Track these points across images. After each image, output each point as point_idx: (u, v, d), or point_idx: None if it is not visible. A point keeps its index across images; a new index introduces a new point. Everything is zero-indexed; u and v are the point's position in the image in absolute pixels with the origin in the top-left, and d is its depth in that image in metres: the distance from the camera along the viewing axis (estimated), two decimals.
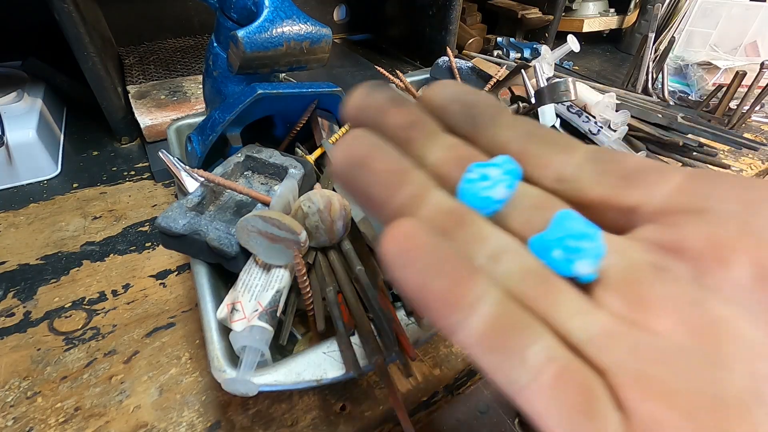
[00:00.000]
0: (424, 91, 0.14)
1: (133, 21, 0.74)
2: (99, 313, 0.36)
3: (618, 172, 0.12)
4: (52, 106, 0.59)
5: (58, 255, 0.42)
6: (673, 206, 0.11)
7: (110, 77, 0.54)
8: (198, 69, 0.69)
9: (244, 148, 0.39)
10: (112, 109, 0.55)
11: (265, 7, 0.35)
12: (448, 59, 0.56)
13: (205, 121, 0.39)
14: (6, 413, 0.29)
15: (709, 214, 0.10)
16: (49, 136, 0.54)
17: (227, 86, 0.41)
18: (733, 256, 0.10)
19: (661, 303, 0.10)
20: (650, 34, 0.56)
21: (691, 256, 0.10)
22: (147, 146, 0.56)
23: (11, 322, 0.35)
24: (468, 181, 0.12)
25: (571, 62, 0.92)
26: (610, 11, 1.01)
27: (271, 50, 0.36)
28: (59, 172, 0.53)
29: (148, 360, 0.33)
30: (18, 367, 0.32)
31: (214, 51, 0.40)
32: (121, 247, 0.43)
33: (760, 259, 0.10)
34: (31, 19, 0.66)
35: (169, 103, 0.59)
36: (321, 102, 0.43)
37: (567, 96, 0.37)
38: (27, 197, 0.49)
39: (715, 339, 0.09)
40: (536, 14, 0.86)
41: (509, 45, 0.82)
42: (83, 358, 0.33)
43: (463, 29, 0.85)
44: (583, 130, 0.40)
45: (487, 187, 0.12)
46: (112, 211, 0.47)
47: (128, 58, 0.70)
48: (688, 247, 0.10)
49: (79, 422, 0.29)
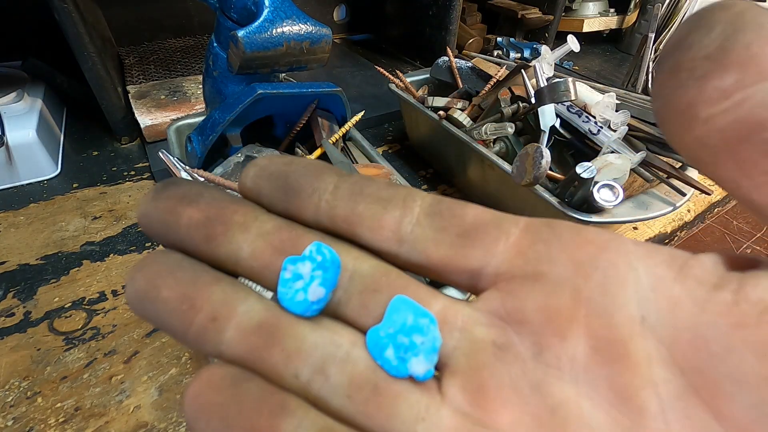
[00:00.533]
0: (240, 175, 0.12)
1: (133, 21, 0.74)
2: (99, 313, 0.36)
3: (457, 228, 0.11)
4: (52, 106, 0.59)
5: (58, 255, 0.42)
6: (511, 271, 0.10)
7: (110, 77, 0.54)
8: (198, 69, 0.69)
9: (244, 148, 0.39)
10: (112, 109, 0.55)
11: (265, 7, 0.35)
12: (448, 59, 0.56)
13: (205, 121, 0.39)
14: (6, 413, 0.29)
15: (544, 281, 0.10)
16: (49, 136, 0.54)
17: (227, 86, 0.41)
18: (569, 329, 0.10)
19: (502, 392, 0.10)
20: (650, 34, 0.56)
21: (531, 329, 0.10)
22: (147, 146, 0.56)
23: (11, 322, 0.35)
24: (283, 283, 0.11)
25: (571, 62, 0.92)
26: (610, 11, 1.01)
27: (271, 50, 0.36)
28: (59, 172, 0.53)
29: (148, 360, 0.33)
30: (18, 367, 0.32)
31: (214, 51, 0.40)
32: (121, 247, 0.43)
33: (593, 330, 0.09)
34: (31, 19, 0.66)
35: (169, 103, 0.59)
36: (321, 102, 0.43)
37: (567, 96, 0.37)
38: (27, 197, 0.49)
39: (557, 427, 0.09)
40: (536, 14, 0.86)
41: (509, 45, 0.82)
42: (83, 358, 0.33)
43: (463, 29, 0.85)
44: (583, 130, 0.40)
45: (299, 288, 0.10)
46: (112, 211, 0.47)
47: (128, 58, 0.70)
48: (527, 318, 0.10)
49: (79, 422, 0.29)
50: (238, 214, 0.11)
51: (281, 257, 0.11)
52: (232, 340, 0.10)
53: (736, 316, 0.08)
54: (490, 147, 0.45)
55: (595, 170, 0.33)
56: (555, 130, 0.42)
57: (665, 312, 0.09)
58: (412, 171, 0.57)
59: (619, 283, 0.09)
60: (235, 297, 0.11)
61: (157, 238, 0.11)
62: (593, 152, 0.40)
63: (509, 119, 0.44)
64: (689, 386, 0.09)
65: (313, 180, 0.12)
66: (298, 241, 0.11)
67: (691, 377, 0.09)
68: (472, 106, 0.50)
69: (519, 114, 0.44)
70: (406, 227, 0.11)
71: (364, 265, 0.11)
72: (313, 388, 0.10)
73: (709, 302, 0.09)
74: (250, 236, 0.11)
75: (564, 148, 0.44)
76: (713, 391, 0.08)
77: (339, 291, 0.11)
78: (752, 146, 0.08)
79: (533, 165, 0.34)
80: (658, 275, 0.09)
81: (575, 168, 0.33)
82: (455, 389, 0.10)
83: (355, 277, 0.11)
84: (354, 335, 0.11)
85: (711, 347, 0.08)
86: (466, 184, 0.52)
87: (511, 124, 0.42)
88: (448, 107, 0.50)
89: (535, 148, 0.34)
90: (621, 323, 0.09)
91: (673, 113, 0.09)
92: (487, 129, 0.43)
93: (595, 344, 0.09)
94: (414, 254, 0.11)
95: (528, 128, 0.45)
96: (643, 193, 0.38)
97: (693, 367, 0.09)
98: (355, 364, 0.10)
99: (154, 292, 0.10)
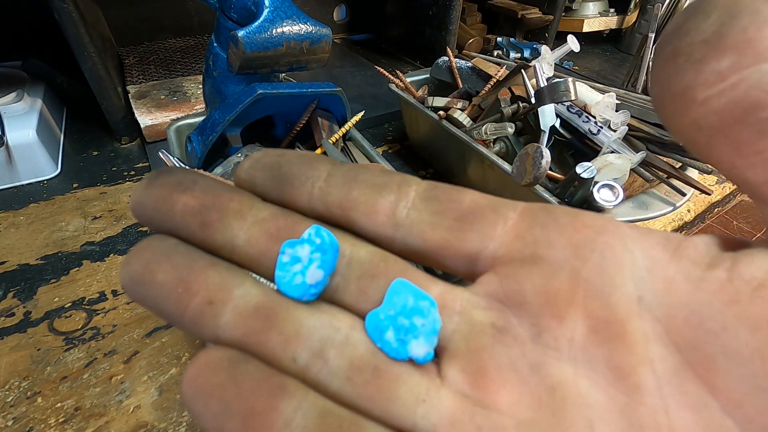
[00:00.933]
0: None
1: (133, 21, 0.74)
2: (99, 313, 0.36)
3: (454, 212, 0.11)
4: (52, 106, 0.59)
5: (58, 255, 0.42)
6: (510, 254, 0.10)
7: (110, 77, 0.54)
8: (198, 69, 0.69)
9: (244, 148, 0.39)
10: (112, 109, 0.55)
11: (265, 7, 0.35)
12: (448, 59, 0.56)
13: (205, 121, 0.39)
14: (6, 413, 0.29)
15: (542, 263, 0.10)
16: (49, 136, 0.54)
17: (227, 86, 0.41)
18: (567, 310, 0.10)
19: (501, 373, 0.10)
20: (650, 34, 0.56)
21: (530, 311, 0.10)
22: (147, 146, 0.56)
23: (11, 322, 0.35)
24: (280, 266, 0.11)
25: (571, 62, 0.92)
26: (610, 11, 1.01)
27: (271, 50, 0.36)
28: (59, 172, 0.53)
29: (148, 360, 0.33)
30: (18, 367, 0.32)
31: (214, 51, 0.40)
32: (121, 247, 0.43)
33: (591, 311, 0.10)
34: (31, 19, 0.66)
35: (169, 103, 0.59)
36: (321, 102, 0.43)
37: (567, 96, 0.37)
38: (27, 197, 0.49)
39: (556, 406, 0.09)
40: (536, 14, 0.86)
41: (509, 45, 0.82)
42: (83, 358, 0.33)
43: (463, 29, 0.85)
44: (583, 130, 0.40)
45: (297, 271, 0.10)
46: (112, 211, 0.47)
47: (128, 58, 0.70)
48: (526, 301, 0.10)
49: (79, 422, 0.29)
50: (234, 201, 0.11)
51: (277, 244, 0.11)
52: (229, 324, 0.10)
53: (730, 293, 0.08)
54: (490, 147, 0.45)
55: (595, 170, 0.33)
56: (555, 130, 0.42)
57: (661, 292, 0.09)
58: (412, 171, 0.57)
59: (615, 264, 0.10)
60: (231, 281, 0.10)
61: (152, 226, 0.11)
62: (593, 152, 0.40)
63: (509, 119, 0.44)
64: (685, 363, 0.09)
65: (306, 168, 0.12)
66: (294, 227, 0.11)
67: (686, 354, 0.09)
68: (472, 106, 0.50)
69: (519, 114, 0.44)
70: (402, 212, 0.11)
71: (362, 251, 0.11)
72: (312, 371, 0.10)
73: (703, 281, 0.09)
74: (246, 223, 0.11)
75: (564, 148, 0.44)
76: (708, 366, 0.08)
77: (336, 277, 0.11)
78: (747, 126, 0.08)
79: (533, 165, 0.34)
80: (654, 257, 0.10)
81: (575, 168, 0.33)
82: (455, 371, 0.10)
83: (353, 263, 0.11)
84: (352, 319, 0.11)
85: (706, 324, 0.09)
86: (466, 184, 0.52)
87: (511, 124, 0.42)
88: (448, 107, 0.50)
89: (535, 148, 0.34)
90: (618, 304, 0.09)
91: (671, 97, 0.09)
92: (487, 129, 0.43)
93: (593, 324, 0.10)
94: (410, 238, 0.11)
95: (528, 128, 0.45)
96: (643, 193, 0.38)
97: (688, 344, 0.09)
98: (354, 347, 0.10)
99: (149, 275, 0.10)
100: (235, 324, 0.10)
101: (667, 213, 0.36)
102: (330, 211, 0.11)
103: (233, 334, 0.10)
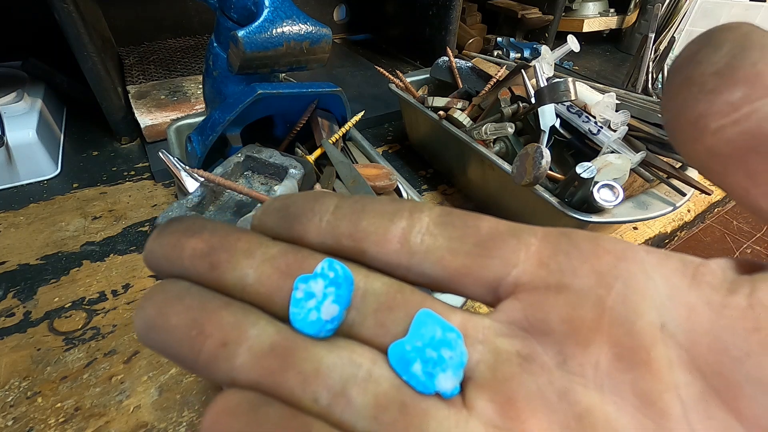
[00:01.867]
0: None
1: (133, 21, 0.74)
2: (99, 313, 0.36)
3: (473, 237, 0.11)
4: (52, 106, 0.59)
5: (58, 255, 0.42)
6: (533, 282, 0.10)
7: (110, 77, 0.54)
8: (198, 69, 0.69)
9: (244, 148, 0.39)
10: (112, 109, 0.55)
11: (265, 7, 0.35)
12: (448, 59, 0.56)
13: (205, 121, 0.39)
14: (6, 413, 0.29)
15: (566, 292, 0.10)
16: (49, 136, 0.54)
17: (227, 86, 0.41)
18: (593, 338, 0.10)
19: (530, 402, 0.10)
20: (650, 34, 0.56)
21: (555, 339, 0.10)
22: (147, 146, 0.56)
23: (11, 322, 0.35)
24: (294, 303, 0.10)
25: (571, 62, 0.92)
26: (610, 11, 1.01)
27: (271, 50, 0.36)
28: (59, 172, 0.53)
29: (148, 360, 0.33)
30: (18, 367, 0.32)
31: (214, 51, 0.40)
32: (121, 247, 0.43)
33: (616, 338, 0.10)
34: (31, 19, 0.66)
35: (169, 103, 0.59)
36: (321, 102, 0.43)
37: (567, 96, 0.37)
38: (27, 197, 0.49)
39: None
40: (536, 14, 0.86)
41: (509, 45, 0.82)
42: (83, 358, 0.33)
43: (463, 29, 0.85)
44: (583, 130, 0.40)
45: (312, 307, 0.10)
46: (112, 211, 0.47)
47: (128, 58, 0.70)
48: (551, 329, 0.10)
49: (79, 422, 0.29)
50: (242, 241, 0.11)
51: (289, 280, 0.11)
52: (244, 365, 0.10)
53: (752, 320, 0.09)
54: (490, 147, 0.45)
55: (595, 170, 0.33)
56: (555, 130, 0.42)
57: (683, 318, 0.09)
58: (412, 171, 0.57)
59: (638, 292, 0.10)
60: (245, 320, 0.10)
61: (163, 273, 0.11)
62: (593, 152, 0.40)
63: (509, 119, 0.44)
64: (710, 389, 0.09)
65: (313, 204, 0.12)
66: (305, 262, 0.11)
67: (711, 380, 0.09)
68: (472, 106, 0.50)
69: (519, 114, 0.44)
70: (416, 238, 0.11)
71: (376, 283, 0.11)
72: (336, 412, 0.10)
73: (724, 307, 0.09)
74: (255, 261, 0.11)
75: (564, 148, 0.44)
76: (734, 392, 0.09)
77: (352, 311, 0.11)
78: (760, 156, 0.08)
79: (533, 165, 0.34)
80: (674, 284, 0.10)
81: (575, 168, 0.33)
82: (483, 402, 0.10)
83: (368, 295, 0.11)
84: (373, 353, 0.11)
85: (730, 351, 0.09)
86: (466, 184, 0.52)
87: (511, 124, 0.42)
88: (448, 107, 0.50)
89: (535, 148, 0.34)
90: (642, 331, 0.09)
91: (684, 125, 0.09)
92: (487, 129, 0.43)
93: (618, 351, 0.10)
94: (427, 265, 0.11)
95: (528, 128, 0.45)
96: (643, 193, 0.38)
97: (713, 371, 0.09)
98: (378, 383, 0.10)
99: (163, 319, 0.10)
100: (251, 365, 0.10)
101: (667, 213, 0.36)
102: (340, 243, 0.11)
103: (249, 376, 0.10)
